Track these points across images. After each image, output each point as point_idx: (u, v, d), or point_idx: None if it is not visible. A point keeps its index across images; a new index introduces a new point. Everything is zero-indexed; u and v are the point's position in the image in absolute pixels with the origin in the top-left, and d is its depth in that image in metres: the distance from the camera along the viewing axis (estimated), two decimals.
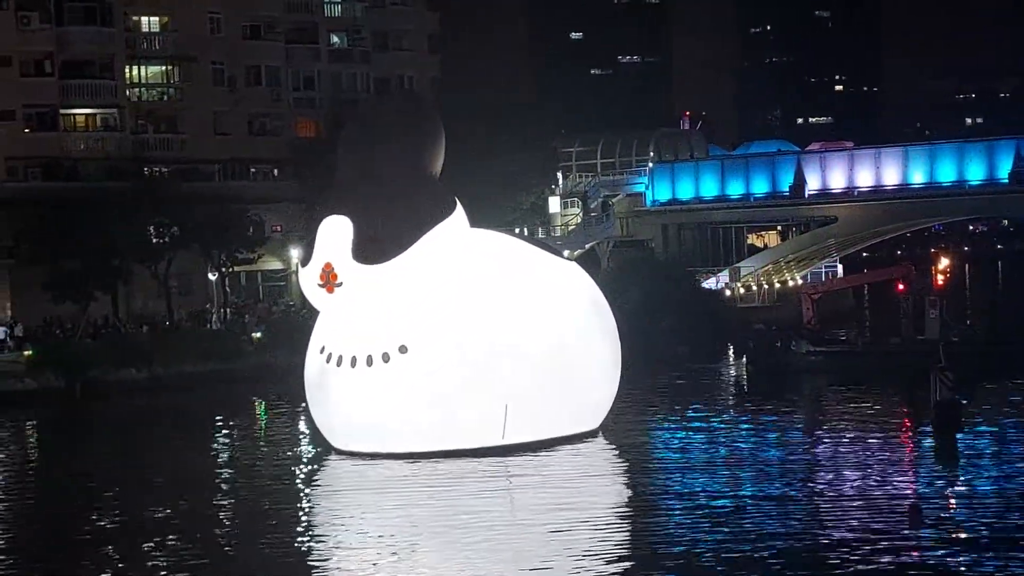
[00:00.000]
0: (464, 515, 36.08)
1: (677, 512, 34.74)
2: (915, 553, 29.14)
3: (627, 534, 33.73)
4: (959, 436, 43.24)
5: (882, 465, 40.08)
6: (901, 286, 72.77)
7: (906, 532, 31.08)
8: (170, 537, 34.31)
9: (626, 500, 38.42)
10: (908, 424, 47.79)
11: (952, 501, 35.12)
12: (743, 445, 45.87)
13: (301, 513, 37.83)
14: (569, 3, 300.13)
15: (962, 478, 38.48)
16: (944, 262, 70.52)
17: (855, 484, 37.39)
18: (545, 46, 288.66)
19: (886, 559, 28.73)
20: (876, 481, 37.65)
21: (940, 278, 67.57)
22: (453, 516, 36.07)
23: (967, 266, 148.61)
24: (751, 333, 71.10)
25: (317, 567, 31.46)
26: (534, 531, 34.23)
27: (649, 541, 32.32)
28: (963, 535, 30.90)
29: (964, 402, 45.43)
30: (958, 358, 48.88)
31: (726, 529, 32.74)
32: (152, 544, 33.46)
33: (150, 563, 31.70)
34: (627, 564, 30.19)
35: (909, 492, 35.77)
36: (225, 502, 40.08)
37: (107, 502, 40.00)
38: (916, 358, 49.33)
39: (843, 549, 29.74)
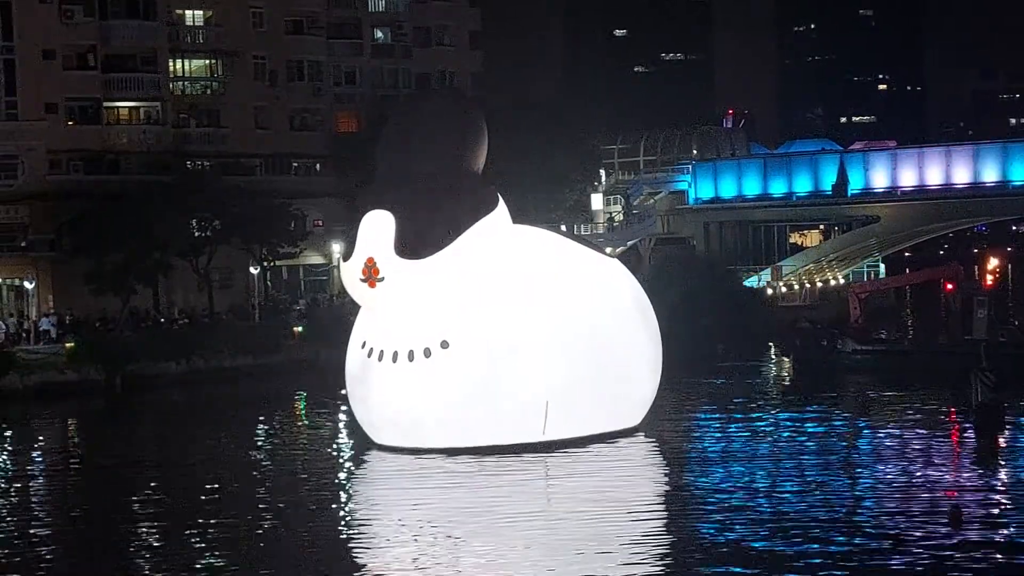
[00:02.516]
0: (502, 508, 36.24)
1: (715, 508, 34.71)
2: (955, 552, 29.08)
3: (663, 528, 33.75)
4: (1001, 437, 43.11)
5: (923, 464, 39.94)
6: (950, 286, 72.49)
7: (947, 531, 31.05)
8: (209, 521, 34.61)
9: (664, 495, 38.41)
10: (953, 424, 47.56)
11: (993, 501, 35.01)
12: (786, 444, 45.72)
13: (340, 503, 38.09)
14: (613, 0, 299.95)
15: (1003, 479, 38.33)
16: (993, 262, 70.04)
17: (897, 483, 37.28)
18: (588, 43, 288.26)
19: (925, 557, 28.71)
20: (919, 480, 37.56)
21: (989, 278, 67.15)
22: (491, 509, 36.19)
23: (1010, 267, 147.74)
24: (797, 331, 70.83)
25: (355, 554, 31.76)
26: (570, 524, 34.37)
27: (685, 535, 32.36)
28: (1003, 534, 30.83)
29: (1006, 404, 45.25)
30: (1004, 359, 48.73)
31: (759, 518, 32.86)
32: (190, 528, 33.76)
33: (188, 544, 32.01)
34: (663, 558, 30.26)
35: (950, 492, 35.62)
36: (264, 491, 40.23)
37: (147, 487, 40.28)
38: (964, 358, 49.04)
39: (883, 547, 29.74)
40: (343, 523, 35.33)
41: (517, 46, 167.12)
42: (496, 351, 41.43)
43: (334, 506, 37.53)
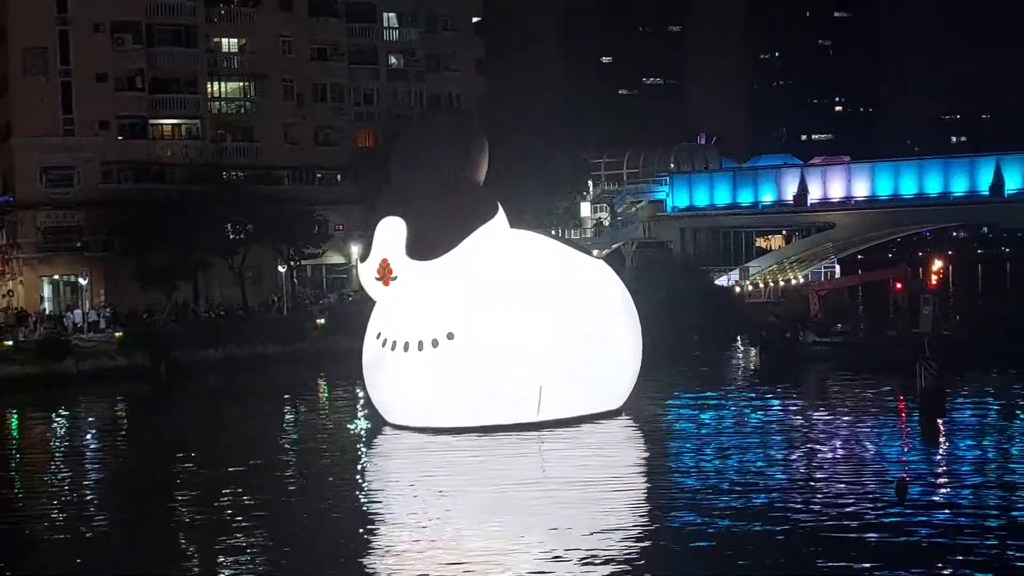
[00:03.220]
0: (501, 478, 36.50)
1: (688, 477, 34.92)
2: (900, 518, 29.14)
3: (643, 494, 33.93)
4: (942, 420, 43.12)
5: (875, 443, 39.97)
6: (899, 285, 72.41)
7: (893, 501, 31.12)
8: (239, 490, 34.66)
9: (643, 467, 38.58)
10: (900, 407, 47.59)
11: (934, 475, 35.06)
12: (753, 422, 45.74)
13: (357, 476, 38.10)
14: (600, 31, 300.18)
15: (943, 455, 38.36)
16: (937, 264, 70.02)
17: (851, 459, 37.34)
18: (579, 69, 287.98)
19: (873, 520, 28.89)
20: (869, 456, 37.63)
21: (934, 278, 67.08)
22: (491, 480, 36.47)
23: (951, 269, 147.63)
24: (765, 325, 70.81)
25: (369, 520, 31.88)
26: (561, 491, 34.60)
27: (661, 501, 32.62)
28: (942, 503, 30.87)
29: (947, 390, 45.29)
30: (945, 350, 48.76)
31: (728, 489, 32.97)
32: (223, 497, 33.80)
33: (220, 510, 32.05)
34: (642, 516, 30.45)
35: (897, 467, 35.64)
36: (289, 466, 40.28)
37: (187, 460, 40.37)
38: (911, 349, 49.08)
39: (839, 513, 29.83)
40: (360, 491, 35.41)
41: (518, 71, 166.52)
42: (496, 342, 41.45)
43: (352, 477, 37.57)
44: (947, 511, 30.47)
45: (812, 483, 34.17)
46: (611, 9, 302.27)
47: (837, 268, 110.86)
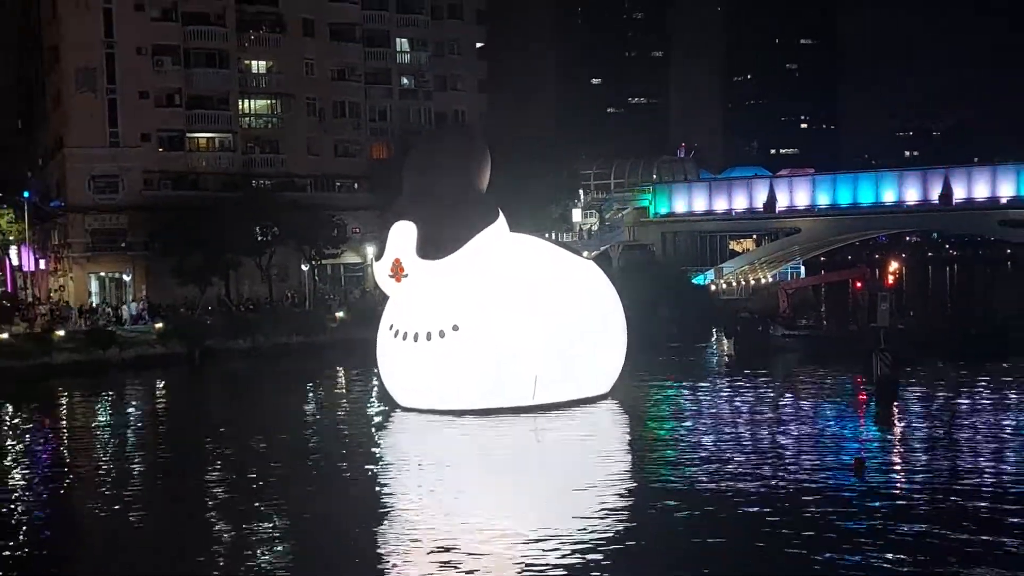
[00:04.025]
0: (500, 453, 36.73)
1: (668, 453, 34.94)
2: (857, 491, 29.19)
3: (627, 468, 33.99)
4: (895, 404, 43.20)
5: (835, 425, 40.01)
6: (859, 284, 72.40)
7: (851, 477, 31.19)
8: (264, 463, 34.71)
9: (627, 444, 38.63)
10: (858, 393, 47.64)
11: (889, 453, 35.09)
12: (727, 405, 45.79)
13: (371, 450, 38.10)
14: (590, 56, 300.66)
15: (897, 436, 38.41)
16: (893, 265, 69.98)
17: (814, 437, 37.37)
18: (571, 89, 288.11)
19: (831, 493, 28.88)
20: (829, 437, 37.63)
21: (890, 278, 67.02)
22: (490, 454, 36.71)
23: (905, 269, 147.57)
24: (738, 319, 70.79)
25: (380, 487, 32.02)
26: (555, 465, 34.77)
27: (644, 474, 32.67)
28: (896, 478, 30.91)
29: (900, 379, 45.34)
30: (900, 342, 48.77)
31: (704, 464, 33.03)
32: (250, 471, 33.88)
33: (247, 481, 32.14)
34: (626, 486, 30.50)
35: (855, 447, 35.70)
36: (311, 442, 40.29)
37: (218, 438, 40.41)
38: (869, 341, 49.14)
39: (804, 483, 29.87)
40: (373, 465, 35.37)
41: (517, 91, 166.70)
42: (496, 333, 41.45)
43: (367, 453, 37.57)
44: (900, 483, 30.56)
45: (779, 457, 34.22)
46: (600, 36, 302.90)
47: (802, 269, 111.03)
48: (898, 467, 33.03)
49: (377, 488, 31.90)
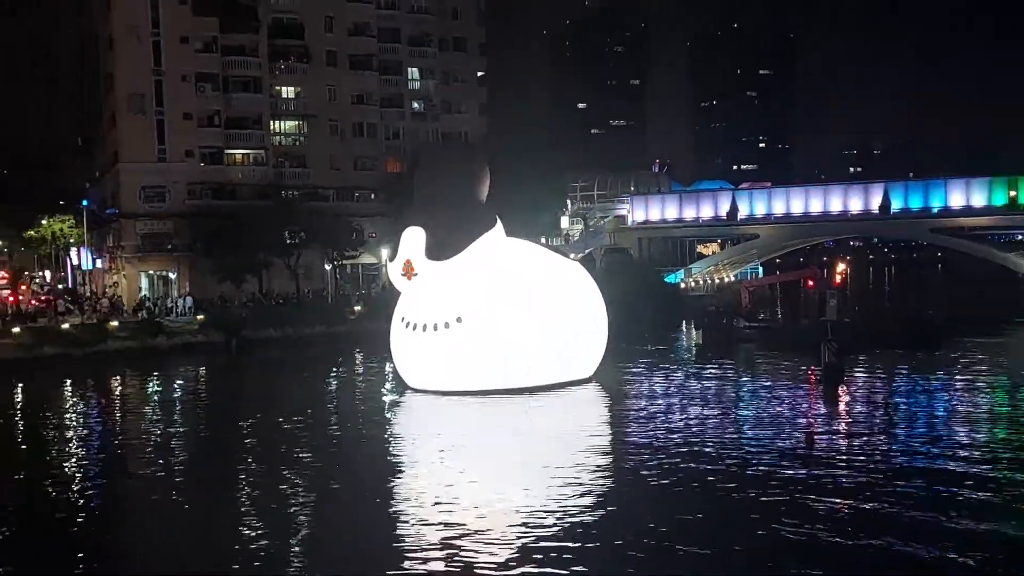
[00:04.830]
0: (498, 428, 36.81)
1: (644, 429, 34.95)
2: (808, 460, 29.33)
3: (607, 442, 34.03)
4: (840, 387, 43.29)
5: (789, 404, 40.11)
6: (811, 283, 72.40)
7: (802, 448, 31.32)
8: (292, 437, 34.75)
9: (608, 421, 38.67)
10: (809, 377, 47.73)
11: (834, 429, 35.22)
12: (695, 386, 45.84)
13: (385, 426, 38.12)
14: (577, 83, 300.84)
15: (841, 414, 38.52)
16: (841, 267, 70.05)
17: (765, 417, 37.45)
18: (560, 113, 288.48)
19: (786, 462, 29.00)
20: (784, 415, 37.74)
21: (837, 278, 67.05)
22: (490, 429, 36.78)
23: (849, 270, 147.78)
24: (705, 312, 70.79)
25: (393, 457, 32.11)
26: (546, 437, 34.74)
27: (622, 446, 32.72)
28: (841, 449, 31.05)
29: (844, 366, 45.43)
30: (845, 334, 48.78)
31: (676, 439, 33.12)
32: (279, 445, 33.95)
33: (276, 454, 32.20)
34: (607, 457, 30.67)
35: (805, 423, 35.83)
36: (331, 419, 40.36)
37: (252, 416, 40.43)
38: (818, 333, 49.18)
39: (762, 453, 29.99)
40: (386, 440, 35.45)
41: (513, 114, 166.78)
42: (495, 324, 41.56)
43: (381, 429, 37.64)
44: (844, 455, 30.66)
45: (741, 431, 34.33)
46: (585, 67, 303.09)
47: (760, 269, 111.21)
48: (842, 439, 33.16)
49: (389, 462, 31.84)
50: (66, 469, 31.97)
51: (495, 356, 41.49)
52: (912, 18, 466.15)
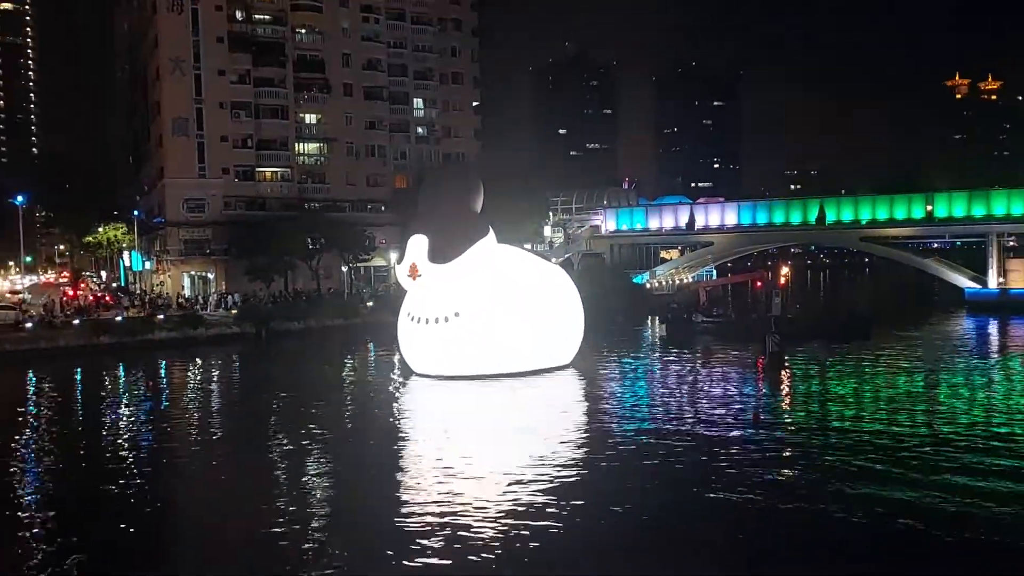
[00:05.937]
0: (490, 408, 36.79)
1: (616, 408, 35.00)
2: (754, 433, 29.40)
3: (585, 420, 34.02)
4: (782, 372, 43.38)
5: (738, 387, 40.21)
6: (758, 283, 72.34)
7: (749, 425, 31.38)
8: (312, 415, 34.70)
9: (585, 401, 38.63)
10: (756, 364, 47.83)
11: (776, 408, 35.30)
12: (659, 372, 45.90)
13: (393, 407, 38.05)
14: (557, 112, 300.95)
15: (782, 395, 38.62)
16: (785, 270, 70.16)
17: (718, 397, 37.53)
18: (543, 137, 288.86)
19: (736, 435, 29.02)
20: (734, 395, 37.81)
21: (782, 279, 67.13)
22: (484, 409, 36.63)
23: (790, 273, 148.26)
24: (668, 309, 70.78)
25: (400, 434, 31.98)
26: (531, 416, 34.71)
27: (598, 421, 32.69)
28: (783, 425, 31.11)
29: (786, 356, 45.51)
30: (788, 327, 48.82)
31: (641, 415, 33.14)
32: (302, 422, 33.86)
33: (298, 431, 32.11)
34: (585, 433, 30.63)
35: (752, 402, 35.91)
36: (348, 402, 40.30)
37: (278, 398, 40.36)
38: (764, 326, 49.23)
39: (716, 428, 30.01)
40: (394, 419, 35.42)
41: (504, 137, 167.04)
42: (487, 318, 41.54)
43: (389, 408, 37.59)
44: (786, 430, 30.75)
45: (698, 409, 34.38)
46: (565, 97, 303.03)
47: (715, 272, 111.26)
48: (785, 416, 33.25)
49: (395, 438, 31.87)
50: (123, 436, 31.88)
51: (488, 345, 41.48)
52: (844, 58, 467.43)
